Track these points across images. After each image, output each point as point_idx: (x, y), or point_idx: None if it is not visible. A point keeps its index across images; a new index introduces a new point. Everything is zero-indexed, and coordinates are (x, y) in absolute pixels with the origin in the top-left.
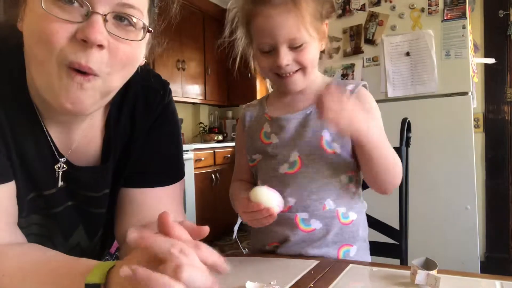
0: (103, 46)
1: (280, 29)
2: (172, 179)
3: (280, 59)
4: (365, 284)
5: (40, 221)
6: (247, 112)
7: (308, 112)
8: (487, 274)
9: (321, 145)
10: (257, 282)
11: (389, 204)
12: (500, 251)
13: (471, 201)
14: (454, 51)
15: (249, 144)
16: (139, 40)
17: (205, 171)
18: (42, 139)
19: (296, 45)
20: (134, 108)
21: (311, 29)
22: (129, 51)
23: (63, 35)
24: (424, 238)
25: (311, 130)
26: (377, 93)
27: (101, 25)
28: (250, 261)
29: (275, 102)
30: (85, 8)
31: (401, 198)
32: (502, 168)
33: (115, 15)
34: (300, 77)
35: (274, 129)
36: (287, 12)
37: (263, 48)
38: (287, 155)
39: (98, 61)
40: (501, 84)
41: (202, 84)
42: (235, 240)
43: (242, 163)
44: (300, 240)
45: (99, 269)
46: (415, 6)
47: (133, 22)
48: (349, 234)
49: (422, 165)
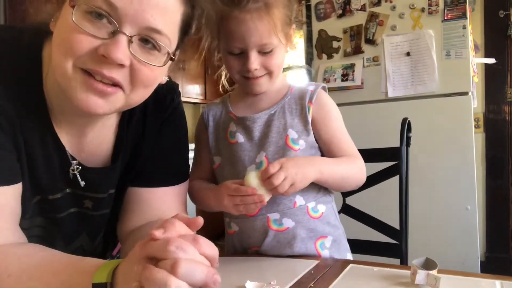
0: (124, 66)
1: (252, 34)
2: (178, 179)
3: (250, 63)
4: (365, 284)
5: (43, 224)
6: (209, 111)
7: (272, 112)
8: (487, 274)
9: (287, 144)
10: (257, 282)
11: (389, 204)
12: (500, 251)
13: (471, 201)
14: (455, 51)
15: (213, 143)
16: (161, 66)
17: None
18: (51, 142)
19: (266, 50)
20: (145, 108)
21: (280, 35)
22: (150, 74)
23: (85, 46)
24: (424, 238)
25: (276, 129)
26: (378, 93)
27: (124, 45)
28: (250, 261)
29: (239, 102)
30: (112, 26)
31: (401, 198)
32: (502, 168)
33: (141, 38)
34: (266, 80)
35: (239, 129)
36: (259, 18)
37: (233, 51)
38: (254, 156)
39: (120, 75)
40: (501, 84)
41: (202, 84)
42: None
43: (203, 163)
44: (275, 240)
45: (105, 268)
46: (416, 6)
47: (158, 47)
48: (321, 227)
49: (422, 165)
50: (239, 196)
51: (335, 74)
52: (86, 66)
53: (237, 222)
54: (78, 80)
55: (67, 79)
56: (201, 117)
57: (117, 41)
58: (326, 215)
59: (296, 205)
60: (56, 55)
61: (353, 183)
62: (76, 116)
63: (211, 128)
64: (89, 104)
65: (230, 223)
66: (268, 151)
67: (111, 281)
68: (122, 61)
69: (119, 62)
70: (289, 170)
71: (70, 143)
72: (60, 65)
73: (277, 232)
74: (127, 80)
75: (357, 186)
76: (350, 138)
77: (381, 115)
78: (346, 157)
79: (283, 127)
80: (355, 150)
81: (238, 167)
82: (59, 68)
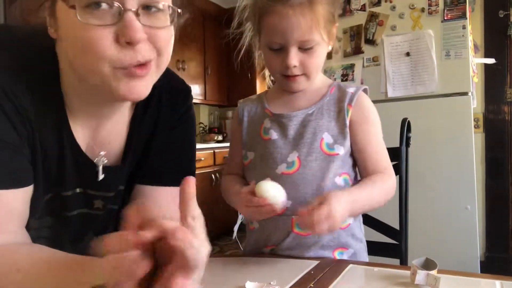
0: (145, 39)
1: (294, 30)
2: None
3: (289, 59)
4: (365, 284)
5: (52, 224)
6: (245, 107)
7: (309, 112)
8: (487, 274)
9: (321, 147)
10: (257, 282)
11: (389, 204)
12: (500, 251)
13: (471, 201)
14: (454, 51)
15: (247, 139)
16: (170, 24)
17: (205, 171)
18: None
19: (307, 46)
20: (159, 107)
21: (323, 32)
22: (167, 35)
23: (107, 40)
24: (424, 238)
25: (312, 130)
26: (377, 93)
27: (136, 22)
28: (250, 261)
29: (275, 99)
30: (115, 7)
31: (401, 198)
32: (502, 168)
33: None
34: (304, 80)
35: (274, 125)
36: (302, 13)
37: (273, 46)
38: (286, 154)
39: (147, 50)
40: (501, 84)
41: (202, 84)
42: (235, 240)
43: (235, 158)
44: (295, 243)
45: None
46: (415, 6)
47: (161, 8)
48: (345, 238)
49: (422, 165)
50: (252, 207)
51: (334, 74)
52: (124, 65)
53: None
54: (120, 77)
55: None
56: (236, 113)
57: (129, 20)
58: (352, 227)
59: None
60: (85, 60)
61: (380, 206)
62: (98, 106)
63: (245, 124)
64: (133, 92)
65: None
66: (301, 152)
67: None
68: (143, 38)
69: (142, 40)
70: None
71: (84, 141)
72: (95, 70)
73: (298, 235)
74: (152, 51)
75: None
76: (385, 148)
77: (381, 115)
78: (380, 177)
79: (319, 129)
80: (388, 163)
81: (269, 164)
82: (94, 73)
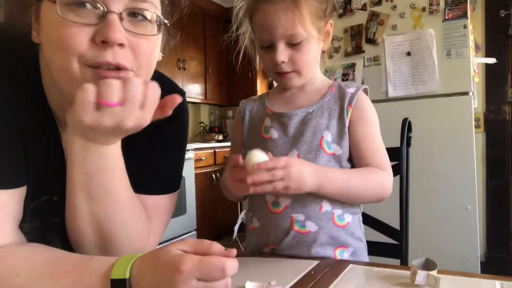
0: (124, 45)
1: (278, 25)
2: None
3: (277, 55)
4: (365, 284)
5: (41, 228)
6: (246, 106)
7: (310, 111)
8: (487, 274)
9: (321, 145)
10: (257, 282)
11: (389, 204)
12: (500, 251)
13: (472, 201)
14: (455, 50)
15: (247, 138)
16: (156, 34)
17: (206, 171)
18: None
19: (294, 42)
20: None
21: (310, 27)
22: (149, 46)
23: (83, 39)
24: (424, 238)
25: (312, 129)
26: (378, 93)
27: (118, 24)
28: (250, 261)
29: (276, 98)
30: (99, 9)
31: (401, 198)
32: (502, 168)
33: (129, 12)
34: (295, 76)
35: (274, 124)
36: (285, 9)
37: (263, 44)
38: (286, 153)
39: (125, 57)
40: (502, 84)
41: (202, 84)
42: (235, 240)
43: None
44: (294, 241)
45: (123, 263)
46: (416, 5)
47: (148, 17)
48: (344, 237)
49: (423, 165)
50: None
51: (335, 74)
52: (92, 62)
53: (259, 217)
54: (89, 76)
55: (76, 79)
56: (237, 112)
57: (110, 21)
58: (352, 226)
59: (322, 210)
60: (57, 57)
61: (366, 198)
62: None
63: (246, 123)
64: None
65: (252, 218)
66: (301, 150)
67: (129, 276)
68: (121, 40)
69: (119, 42)
70: (291, 174)
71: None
72: (65, 66)
73: (298, 233)
74: (131, 59)
75: (377, 200)
76: (382, 147)
77: (382, 115)
78: (366, 168)
79: (319, 127)
80: (383, 160)
81: None
82: (64, 70)
